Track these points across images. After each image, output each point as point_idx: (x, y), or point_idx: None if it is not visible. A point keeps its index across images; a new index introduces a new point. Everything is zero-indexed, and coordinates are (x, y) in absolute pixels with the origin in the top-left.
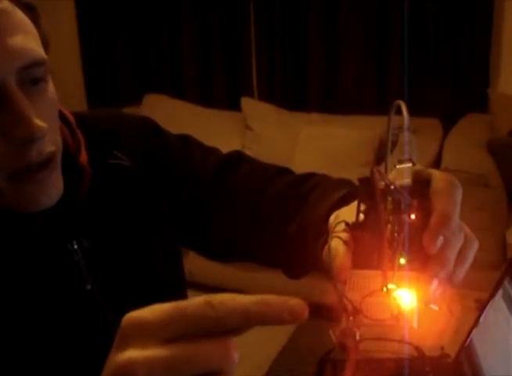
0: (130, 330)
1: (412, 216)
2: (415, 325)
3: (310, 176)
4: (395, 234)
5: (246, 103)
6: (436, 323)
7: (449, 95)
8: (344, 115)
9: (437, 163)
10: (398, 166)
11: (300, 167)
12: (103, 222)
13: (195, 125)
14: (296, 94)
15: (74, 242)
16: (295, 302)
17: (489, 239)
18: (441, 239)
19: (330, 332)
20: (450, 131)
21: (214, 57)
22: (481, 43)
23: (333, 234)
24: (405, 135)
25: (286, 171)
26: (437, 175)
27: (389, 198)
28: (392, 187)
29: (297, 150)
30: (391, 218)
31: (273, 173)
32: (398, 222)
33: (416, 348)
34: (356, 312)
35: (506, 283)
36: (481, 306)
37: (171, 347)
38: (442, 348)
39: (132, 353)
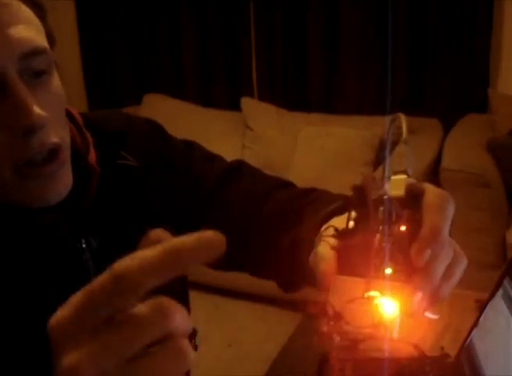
0: (57, 334)
1: (402, 227)
2: (395, 335)
3: (310, 192)
4: (383, 244)
5: (246, 103)
6: (434, 325)
7: (449, 95)
8: (344, 115)
9: (437, 163)
10: (392, 177)
11: (300, 167)
12: (111, 221)
13: (195, 125)
14: (296, 94)
15: (83, 241)
16: (209, 240)
17: (489, 239)
18: (428, 252)
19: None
20: (450, 131)
21: (214, 57)
22: (481, 43)
23: (322, 239)
24: (403, 148)
25: (287, 185)
26: (430, 189)
27: (380, 208)
28: (385, 197)
29: (297, 150)
30: (380, 227)
31: (274, 186)
32: (388, 231)
33: (416, 348)
34: (337, 317)
35: (506, 283)
36: (481, 306)
37: (105, 332)
38: (442, 348)
39: (70, 356)
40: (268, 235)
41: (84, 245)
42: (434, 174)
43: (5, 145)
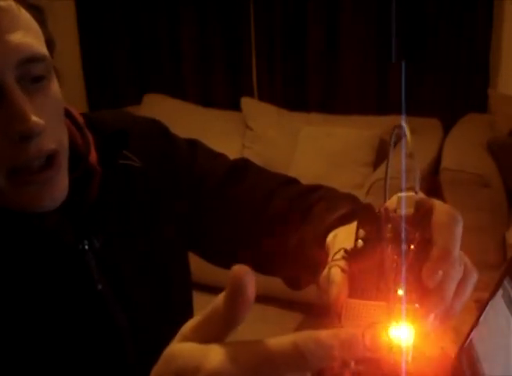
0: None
1: (412, 247)
2: (409, 359)
3: (316, 189)
4: (394, 265)
5: (246, 103)
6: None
7: (449, 95)
8: (344, 115)
9: (437, 163)
10: (400, 194)
11: (300, 167)
12: (114, 222)
13: (195, 125)
14: (296, 94)
15: (85, 242)
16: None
17: (489, 239)
18: (440, 273)
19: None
20: (450, 132)
21: (214, 57)
22: (481, 43)
23: (333, 262)
24: (408, 163)
25: (293, 182)
26: (439, 207)
27: (389, 226)
28: (392, 215)
29: (297, 150)
30: (390, 248)
31: (279, 183)
32: (398, 253)
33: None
34: None
35: (506, 283)
36: (481, 306)
37: None
38: (442, 348)
39: None
40: (274, 232)
41: (86, 246)
42: (434, 174)
43: (1, 150)
